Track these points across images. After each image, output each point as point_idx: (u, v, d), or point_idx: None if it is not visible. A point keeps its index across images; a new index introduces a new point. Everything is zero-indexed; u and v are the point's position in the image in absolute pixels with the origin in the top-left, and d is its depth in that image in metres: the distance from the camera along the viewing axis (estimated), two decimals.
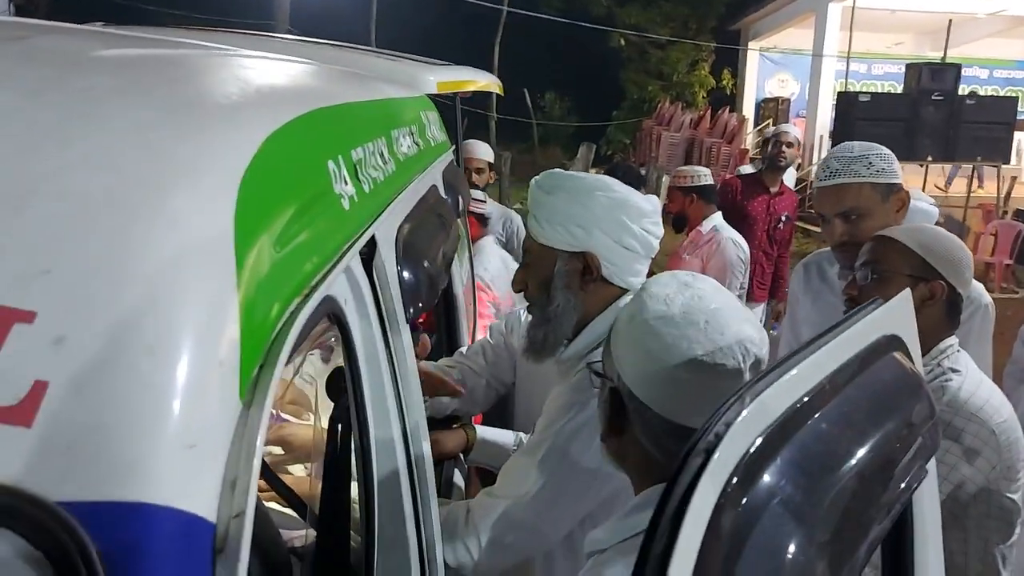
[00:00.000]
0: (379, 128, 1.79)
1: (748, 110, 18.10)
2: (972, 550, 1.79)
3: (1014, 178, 11.32)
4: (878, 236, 2.07)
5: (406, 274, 1.59)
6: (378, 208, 1.51)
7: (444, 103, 2.99)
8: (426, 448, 1.54)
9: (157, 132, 0.80)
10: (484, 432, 2.17)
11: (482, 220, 4.16)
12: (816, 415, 0.80)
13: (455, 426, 2.17)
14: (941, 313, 1.94)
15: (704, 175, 4.61)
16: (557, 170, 1.97)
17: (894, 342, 1.07)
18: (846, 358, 0.93)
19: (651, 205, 1.83)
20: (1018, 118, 11.36)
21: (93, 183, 0.70)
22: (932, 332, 1.91)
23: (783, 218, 5.30)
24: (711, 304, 1.22)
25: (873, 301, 1.08)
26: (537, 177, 1.88)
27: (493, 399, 2.38)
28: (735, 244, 4.42)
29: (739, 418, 0.70)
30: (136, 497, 0.56)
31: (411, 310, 1.57)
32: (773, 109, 18.02)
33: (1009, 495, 1.78)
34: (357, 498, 1.42)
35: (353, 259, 1.32)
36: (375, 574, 1.37)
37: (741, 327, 1.20)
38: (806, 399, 0.81)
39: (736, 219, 4.82)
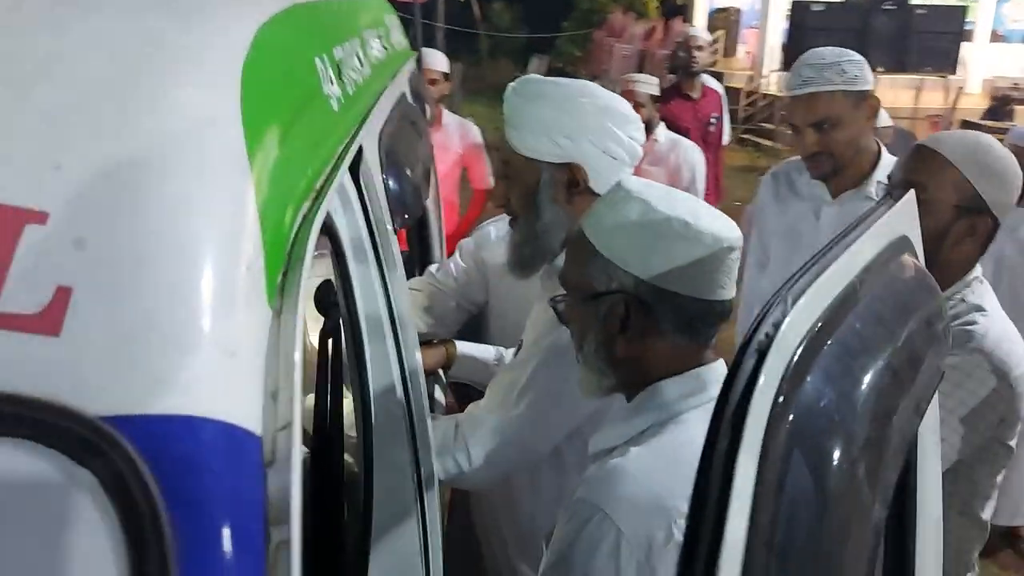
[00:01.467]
0: (353, 28, 1.70)
1: (700, 20, 17.85)
2: (960, 489, 1.70)
3: (960, 89, 11.45)
4: (924, 148, 1.79)
5: (391, 182, 1.53)
6: (361, 113, 1.44)
7: (401, 15, 2.87)
8: (418, 359, 1.51)
9: (153, 18, 0.73)
10: (464, 348, 2.14)
11: None
12: (849, 314, 0.79)
13: (435, 342, 2.14)
14: (977, 247, 1.77)
15: (654, 84, 4.54)
16: (534, 76, 1.90)
17: (904, 243, 1.07)
18: (868, 259, 0.91)
19: (632, 111, 1.78)
20: (965, 28, 11.43)
21: (96, 71, 0.64)
22: (962, 266, 1.77)
23: (711, 120, 5.28)
24: (681, 192, 1.32)
25: (884, 200, 1.06)
26: (513, 84, 1.79)
27: (464, 320, 2.34)
28: (696, 150, 4.40)
29: (786, 319, 0.69)
30: (182, 410, 0.52)
31: (398, 219, 1.52)
32: (724, 20, 17.83)
33: (1008, 442, 1.71)
34: (352, 413, 1.39)
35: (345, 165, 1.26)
36: (372, 491, 1.35)
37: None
38: (840, 299, 0.79)
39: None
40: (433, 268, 2.37)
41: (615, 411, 1.39)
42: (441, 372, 2.15)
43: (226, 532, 0.51)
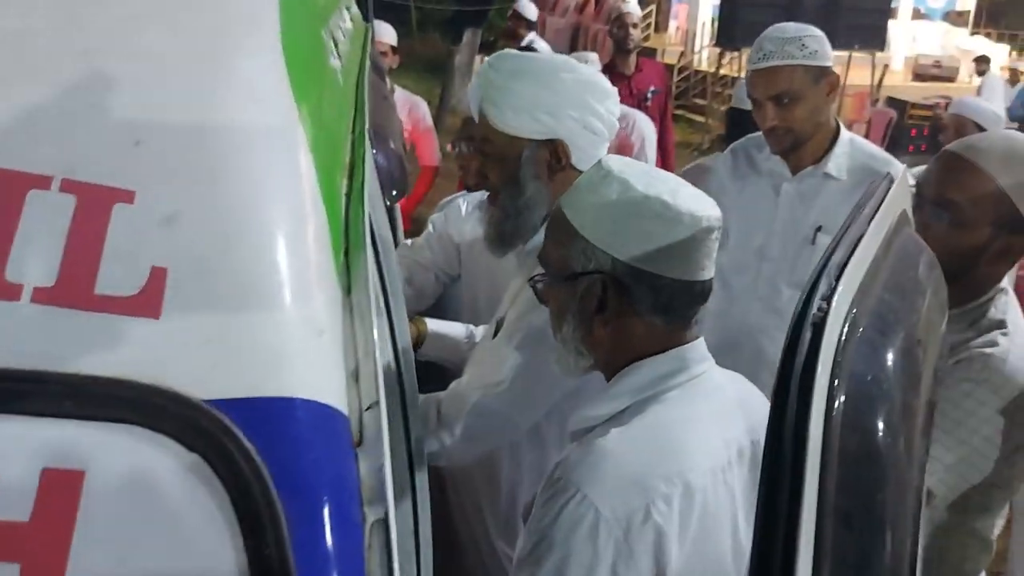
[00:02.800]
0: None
1: None
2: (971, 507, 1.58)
3: (886, 66, 11.77)
4: (956, 158, 1.60)
5: (380, 158, 1.52)
6: (355, 87, 1.42)
7: None
8: (408, 339, 1.50)
9: None
10: (434, 325, 2.14)
11: None
12: (878, 287, 0.83)
13: None
14: (1009, 266, 1.63)
15: (595, 61, 4.56)
16: (510, 51, 1.88)
17: (905, 218, 1.11)
18: (882, 236, 0.95)
19: (610, 84, 1.79)
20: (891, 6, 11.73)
21: (158, 45, 0.62)
22: (990, 282, 1.63)
23: (648, 94, 5.33)
24: (662, 171, 1.31)
25: (885, 177, 1.10)
26: (490, 59, 1.76)
27: (441, 292, 2.34)
28: (647, 122, 4.44)
29: (835, 294, 0.71)
30: (283, 391, 0.51)
31: (389, 195, 1.50)
32: None
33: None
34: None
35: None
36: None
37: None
38: (869, 274, 0.82)
39: None
40: (408, 242, 2.36)
41: (595, 390, 1.39)
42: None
43: (330, 513, 0.51)
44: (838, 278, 0.74)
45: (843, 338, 0.70)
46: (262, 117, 0.63)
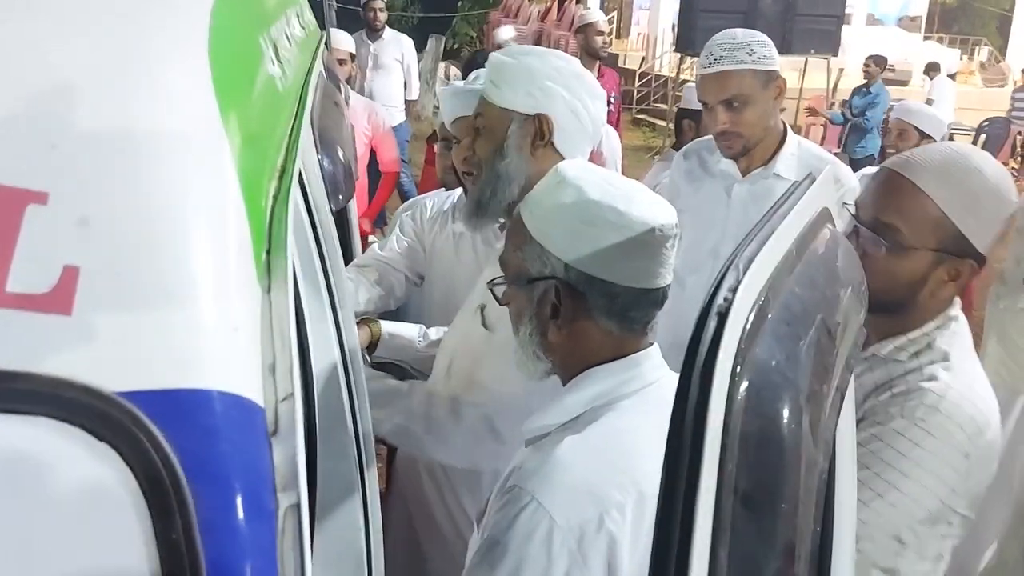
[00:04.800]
0: (280, 5, 1.69)
1: (594, 1, 18.09)
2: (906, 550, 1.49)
3: (841, 70, 11.99)
4: (895, 177, 1.47)
5: (326, 163, 1.54)
6: (297, 93, 1.44)
7: None
8: (356, 340, 1.52)
9: None
10: (388, 327, 2.16)
11: None
12: (789, 279, 0.86)
13: (356, 321, 2.14)
14: (958, 290, 1.51)
15: None
16: (523, 47, 1.97)
17: (826, 215, 1.14)
18: (800, 230, 0.99)
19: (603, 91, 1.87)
20: (845, 11, 11.93)
21: (78, 51, 0.64)
22: (936, 309, 1.52)
23: (610, 100, 5.45)
24: (621, 177, 1.30)
25: (807, 177, 1.14)
26: (499, 51, 1.89)
27: (409, 291, 2.37)
28: (614, 134, 4.51)
29: (741, 285, 0.74)
30: (196, 383, 0.54)
31: (334, 199, 1.52)
32: (618, 1, 18.10)
33: (960, 511, 1.47)
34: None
35: None
36: (317, 468, 1.36)
37: (648, 190, 1.30)
38: (781, 266, 0.86)
39: None
40: (376, 245, 2.40)
41: (551, 394, 1.38)
42: (364, 353, 2.16)
43: (242, 500, 0.53)
44: (746, 270, 0.77)
45: (748, 326, 0.73)
46: (182, 122, 0.65)
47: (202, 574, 0.48)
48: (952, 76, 13.30)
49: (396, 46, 6.45)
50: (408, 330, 2.19)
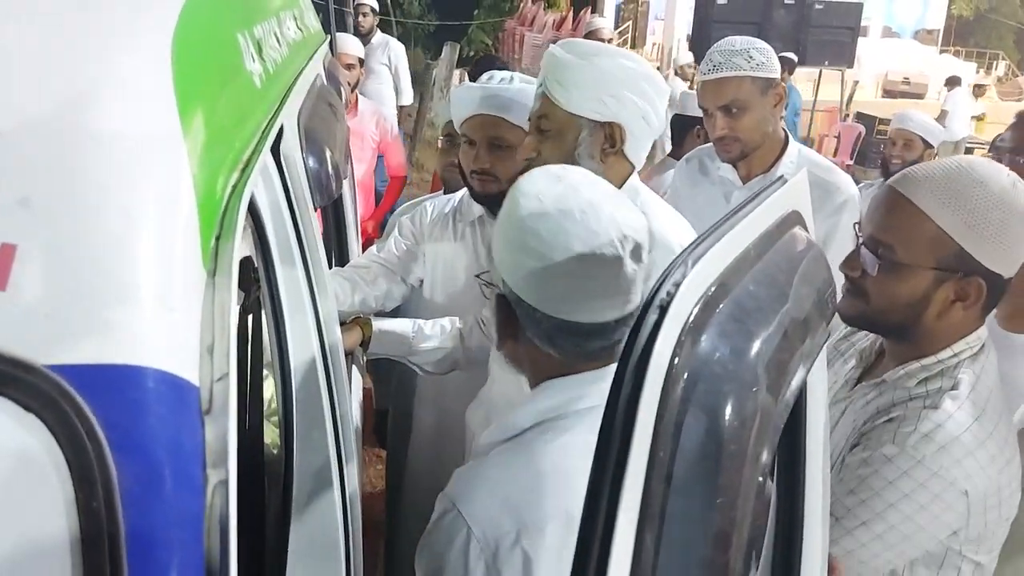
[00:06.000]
0: (271, 7, 1.71)
1: (609, 11, 18.13)
2: None
3: (856, 82, 11.97)
4: (893, 193, 1.42)
5: (311, 161, 1.56)
6: (281, 91, 1.46)
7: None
8: (338, 335, 1.54)
9: None
10: (380, 324, 2.17)
11: None
12: (745, 277, 0.87)
13: (347, 321, 2.16)
14: (975, 311, 1.42)
15: None
16: (576, 39, 1.94)
17: (796, 217, 1.15)
18: (762, 229, 1.00)
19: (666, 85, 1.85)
20: (861, 24, 11.90)
21: (29, 37, 0.66)
22: (957, 331, 1.44)
23: None
24: (585, 195, 1.17)
25: (779, 179, 1.15)
26: (557, 45, 1.83)
27: (408, 295, 2.38)
28: None
29: (686, 279, 0.75)
30: (127, 360, 0.55)
31: (318, 198, 1.54)
32: (633, 11, 18.14)
33: (968, 555, 1.40)
34: (274, 390, 1.41)
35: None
36: (294, 462, 1.38)
37: (618, 214, 1.18)
38: (735, 264, 0.87)
39: None
40: (374, 248, 2.41)
41: (506, 407, 1.39)
42: (359, 351, 2.17)
43: (168, 474, 0.54)
44: (694, 265, 0.78)
45: (691, 320, 0.74)
46: (133, 110, 0.66)
47: (121, 541, 0.49)
48: (982, 88, 13.17)
49: (384, 50, 6.49)
50: (401, 325, 2.19)
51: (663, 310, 0.71)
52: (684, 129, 4.05)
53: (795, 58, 9.01)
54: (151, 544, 0.50)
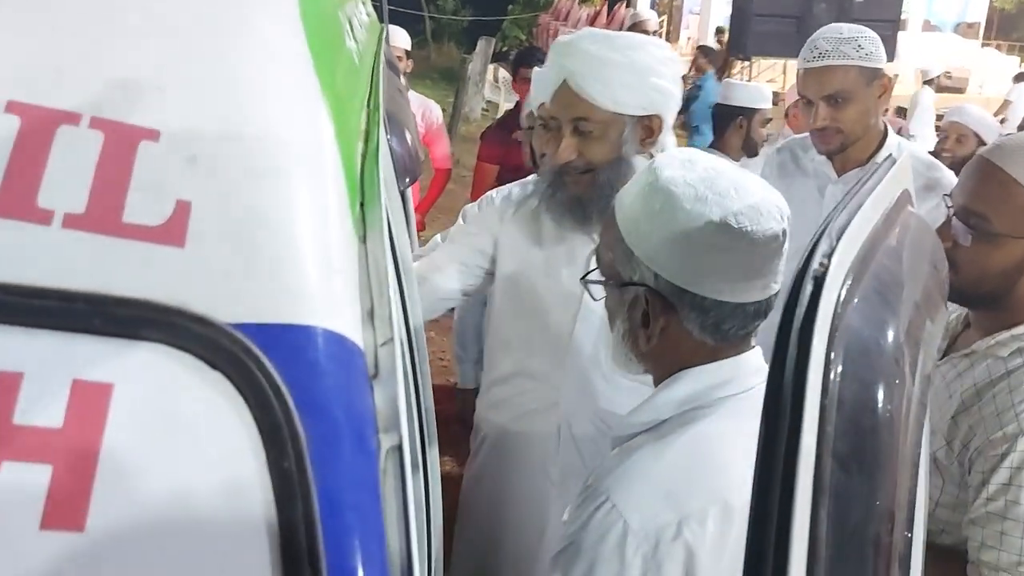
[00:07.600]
0: None
1: (644, 5, 18.03)
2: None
3: (896, 75, 11.78)
4: (985, 164, 1.43)
5: (394, 143, 1.55)
6: (368, 72, 1.45)
7: None
8: (421, 315, 1.52)
9: None
10: None
11: None
12: (878, 252, 0.85)
13: None
14: None
15: None
16: (595, 29, 1.86)
17: (907, 196, 1.12)
18: (885, 207, 0.97)
19: None
20: (901, 17, 11.72)
21: (180, 4, 0.65)
22: None
23: None
24: (727, 174, 1.16)
25: (887, 159, 1.12)
26: (580, 37, 1.76)
27: (477, 285, 2.31)
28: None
29: (835, 252, 0.73)
30: (304, 319, 0.54)
31: (403, 180, 1.53)
32: (668, 5, 18.03)
33: None
34: None
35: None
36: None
37: (761, 187, 1.18)
38: (870, 239, 0.85)
39: None
40: (438, 236, 2.35)
41: (640, 397, 1.31)
42: None
43: (348, 435, 0.53)
44: (839, 238, 0.76)
45: (842, 293, 0.72)
46: (282, 73, 0.66)
47: (314, 504, 0.48)
48: None
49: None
50: None
51: (819, 281, 0.69)
52: (727, 119, 3.98)
53: None
54: (340, 507, 0.49)
